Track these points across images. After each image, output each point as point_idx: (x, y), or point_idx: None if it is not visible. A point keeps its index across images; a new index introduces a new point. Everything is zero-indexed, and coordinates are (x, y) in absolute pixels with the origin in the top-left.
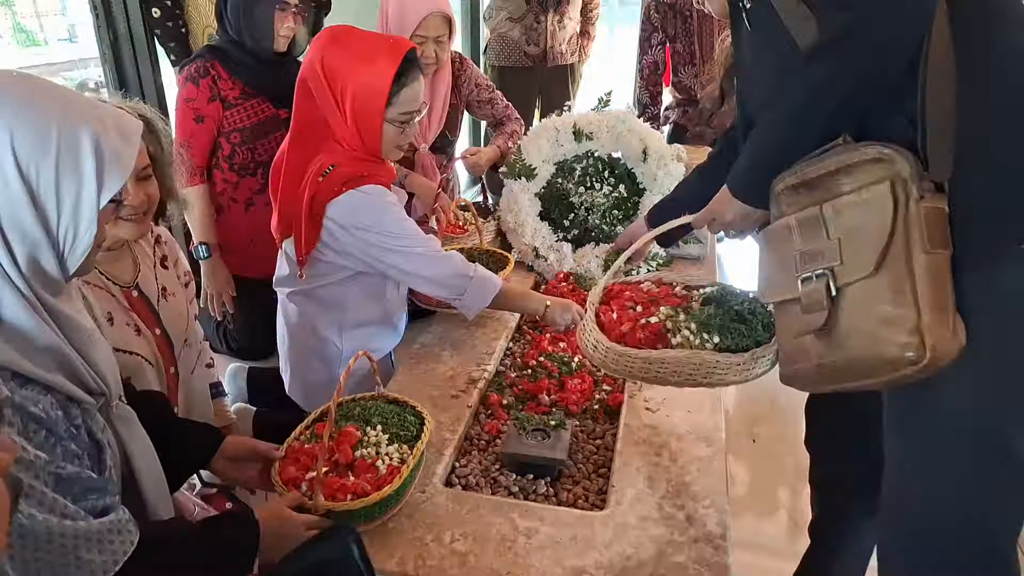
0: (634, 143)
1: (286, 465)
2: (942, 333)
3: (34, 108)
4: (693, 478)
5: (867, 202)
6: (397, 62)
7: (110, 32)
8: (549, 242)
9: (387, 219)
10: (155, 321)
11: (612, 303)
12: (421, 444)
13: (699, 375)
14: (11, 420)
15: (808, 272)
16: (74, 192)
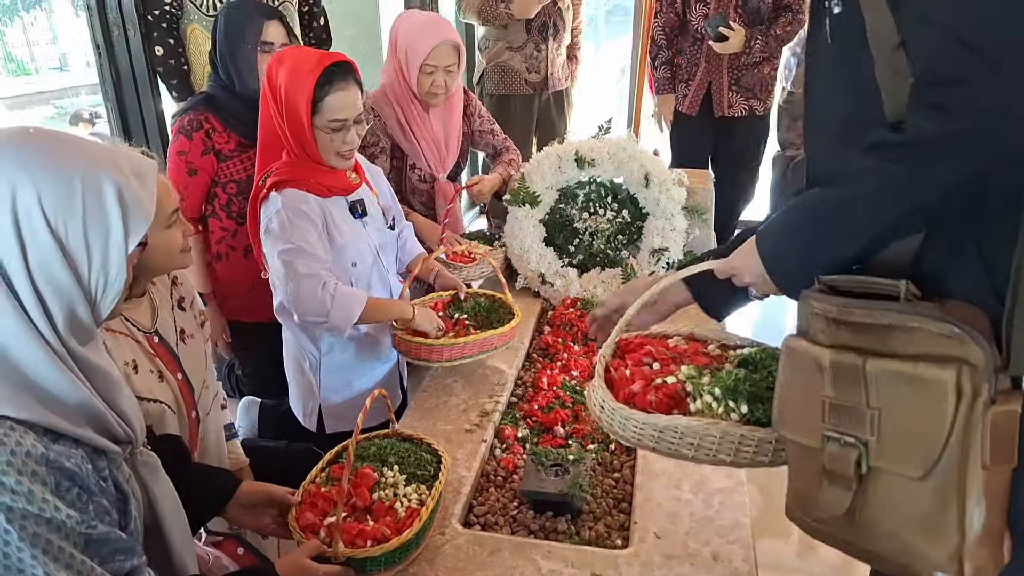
0: (636, 169)
1: (303, 511)
2: (986, 559)
3: (57, 164)
4: (716, 511)
5: (922, 384)
6: (318, 71)
7: (112, 70)
8: (555, 268)
9: (285, 226)
10: (176, 365)
11: (628, 357)
12: (439, 484)
13: (721, 450)
14: (44, 478)
15: (836, 432)
16: (102, 242)
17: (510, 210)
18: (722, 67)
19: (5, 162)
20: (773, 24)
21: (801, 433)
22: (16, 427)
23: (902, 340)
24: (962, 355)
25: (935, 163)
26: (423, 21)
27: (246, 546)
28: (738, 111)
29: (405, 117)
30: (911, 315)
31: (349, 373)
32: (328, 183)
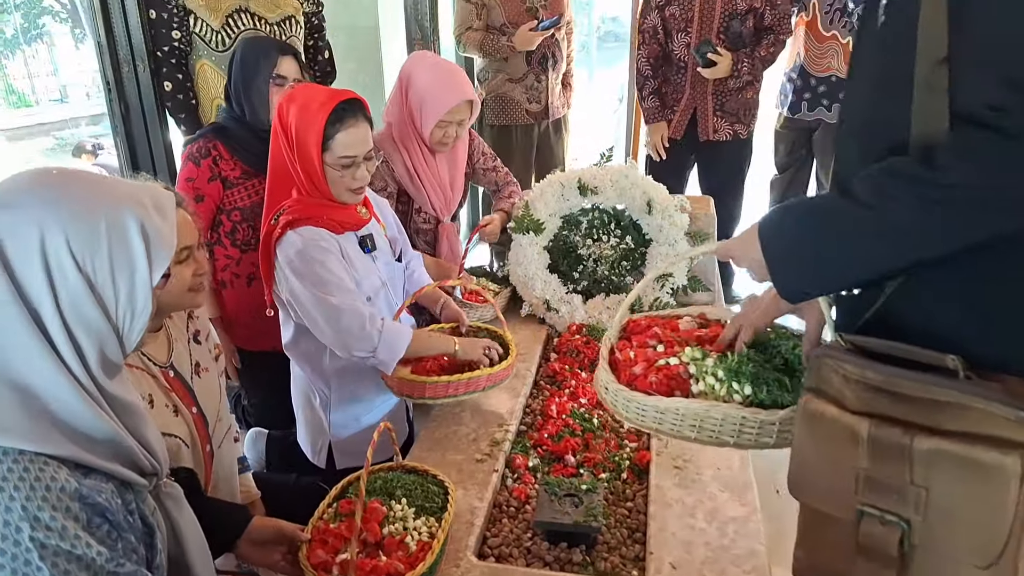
0: (638, 196)
1: (314, 548)
2: None
3: (81, 204)
4: (731, 540)
5: (980, 467)
6: (328, 109)
7: (122, 105)
8: (560, 294)
9: (311, 264)
10: (191, 399)
11: (634, 339)
12: (448, 516)
13: (724, 432)
14: (77, 515)
15: (874, 509)
16: (128, 276)
17: (514, 237)
18: (707, 93)
19: (31, 205)
20: (757, 47)
21: (825, 503)
22: (50, 462)
23: (954, 417)
24: (1017, 439)
25: (974, 211)
26: (441, 75)
27: None
28: (723, 135)
29: (412, 162)
30: (973, 395)
31: (358, 408)
32: (340, 219)
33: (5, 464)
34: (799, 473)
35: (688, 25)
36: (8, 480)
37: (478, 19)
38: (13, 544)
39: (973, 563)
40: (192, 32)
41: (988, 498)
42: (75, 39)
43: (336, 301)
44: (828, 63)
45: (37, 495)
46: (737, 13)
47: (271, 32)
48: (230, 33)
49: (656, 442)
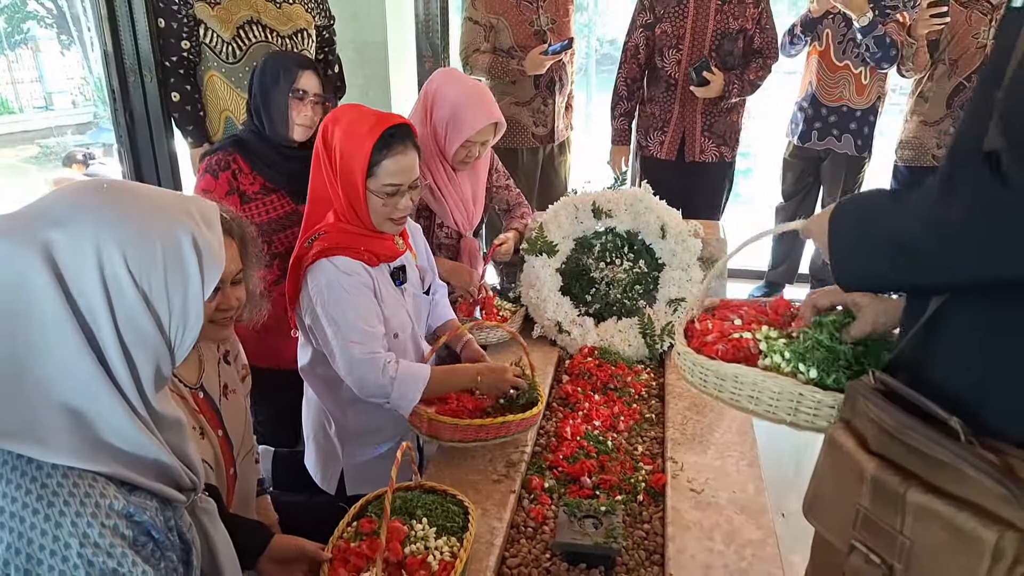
0: (652, 220)
1: (335, 567)
2: None
3: (135, 219)
4: (749, 564)
5: (960, 534)
6: (376, 134)
7: (127, 115)
8: (572, 317)
9: (339, 298)
10: (218, 421)
11: (717, 313)
12: (470, 536)
13: (780, 408)
14: (124, 533)
15: (863, 546)
16: (182, 290)
17: (527, 259)
18: (696, 113)
19: (85, 221)
20: (746, 69)
21: (829, 530)
22: (98, 479)
23: (953, 479)
24: (1010, 518)
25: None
26: (470, 96)
27: None
28: (709, 156)
29: (434, 179)
30: (966, 463)
31: (373, 437)
32: (377, 250)
33: (55, 479)
34: (814, 497)
35: (680, 43)
36: (58, 495)
37: (485, 41)
38: (61, 560)
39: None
40: (202, 43)
41: (962, 563)
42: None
43: (356, 350)
44: (840, 92)
45: (87, 511)
46: (729, 32)
47: (283, 45)
48: (241, 45)
49: (671, 465)
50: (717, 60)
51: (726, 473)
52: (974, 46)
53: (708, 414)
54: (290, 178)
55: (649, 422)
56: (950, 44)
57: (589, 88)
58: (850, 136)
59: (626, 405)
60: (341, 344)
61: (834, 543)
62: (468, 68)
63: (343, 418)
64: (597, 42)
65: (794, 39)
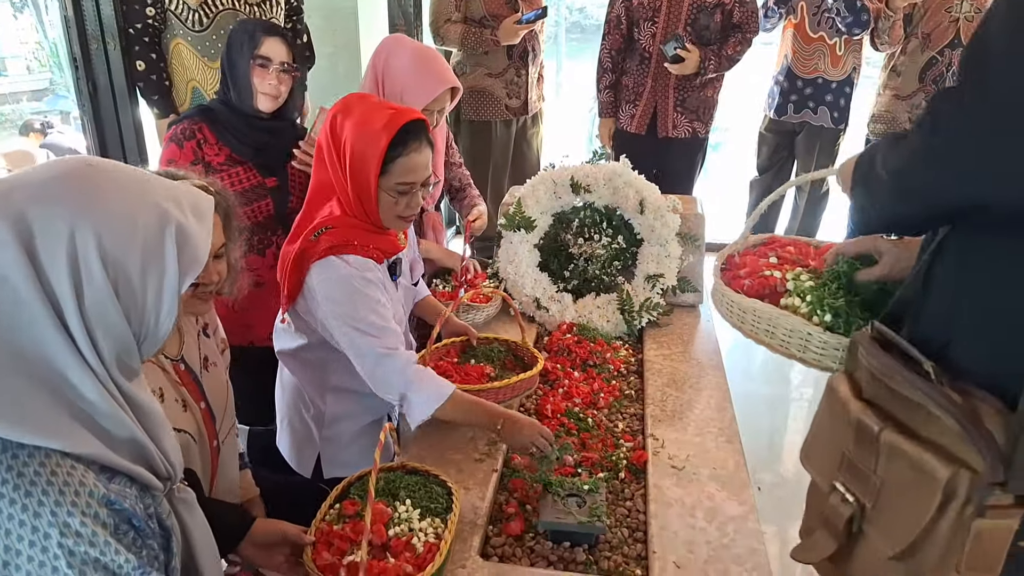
0: (631, 196)
1: (319, 550)
2: None
3: (118, 203)
4: (731, 539)
5: (921, 473)
6: (392, 132)
7: (89, 83)
8: (550, 293)
9: (354, 296)
10: (200, 394)
11: (758, 251)
12: (454, 517)
13: (792, 344)
14: (105, 521)
15: (842, 486)
16: (157, 283)
17: (505, 235)
18: (668, 88)
19: (64, 199)
20: (724, 44)
21: (818, 473)
22: (77, 465)
23: (924, 420)
24: (966, 458)
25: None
26: (423, 62)
27: None
28: (682, 132)
29: None
30: (932, 402)
31: (351, 420)
32: (383, 247)
33: (31, 468)
34: (810, 442)
35: (655, 15)
36: (36, 485)
37: (456, 11)
38: (41, 551)
39: (888, 550)
40: (167, 10)
41: (918, 499)
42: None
43: (377, 345)
44: (815, 64)
45: (67, 500)
46: (705, 6)
47: (250, 13)
48: (208, 12)
49: (652, 442)
50: (693, 35)
51: (706, 449)
52: (947, 20)
53: (687, 390)
54: (257, 150)
55: (629, 398)
56: (923, 18)
57: (559, 57)
58: (826, 108)
59: (605, 382)
60: (359, 341)
61: (820, 484)
62: (439, 39)
63: (322, 402)
64: (567, 10)
65: (768, 12)
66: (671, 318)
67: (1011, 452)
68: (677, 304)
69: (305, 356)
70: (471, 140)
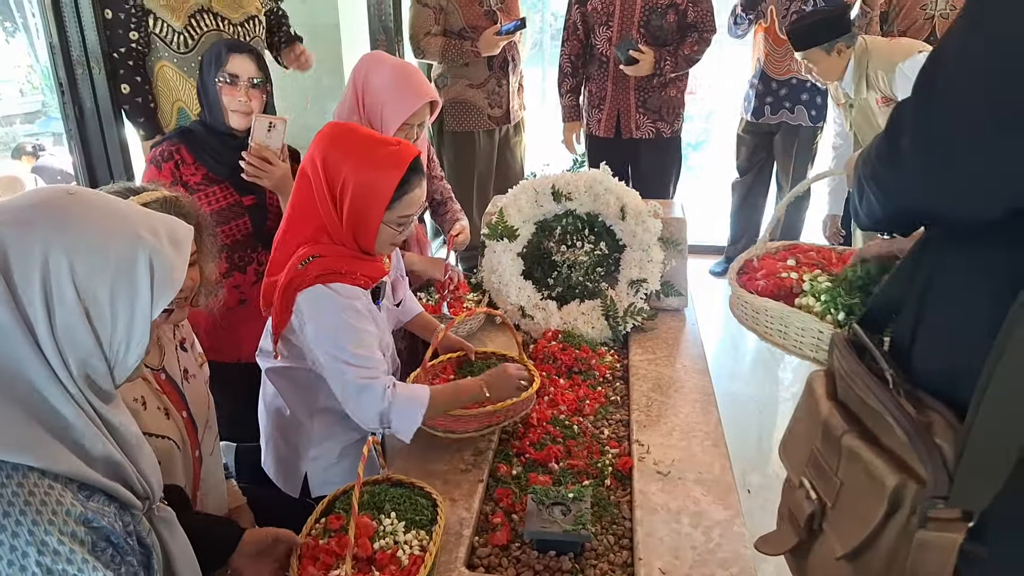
0: (612, 202)
1: (305, 566)
2: None
3: (93, 229)
4: (717, 544)
5: (873, 479)
6: (403, 170)
7: (76, 108)
8: (534, 301)
9: (340, 327)
10: (182, 404)
11: (781, 254)
12: (439, 529)
13: (806, 344)
14: (83, 539)
15: (808, 482)
16: (128, 308)
17: (488, 244)
18: (628, 89)
19: (40, 225)
20: (681, 44)
21: (792, 467)
22: (54, 485)
23: (885, 428)
24: (916, 468)
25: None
26: (401, 78)
27: None
28: (645, 133)
29: None
30: (887, 411)
31: (336, 440)
32: (370, 273)
33: (9, 488)
34: (788, 436)
35: (609, 19)
36: (14, 504)
37: (436, 23)
38: (20, 569)
39: (840, 549)
40: (152, 33)
41: (868, 505)
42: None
43: (354, 375)
44: (788, 65)
45: (44, 519)
46: (658, 7)
47: (235, 33)
48: (193, 34)
49: (637, 447)
50: (647, 36)
51: (692, 454)
52: (922, 17)
53: (672, 395)
54: (233, 169)
55: (614, 404)
56: (899, 15)
57: (544, 64)
58: (803, 107)
59: (591, 388)
60: (342, 371)
61: (792, 479)
62: (420, 52)
63: (309, 423)
64: (552, 16)
65: (737, 19)
66: (656, 322)
67: (956, 466)
68: (661, 308)
69: (294, 375)
70: (455, 151)
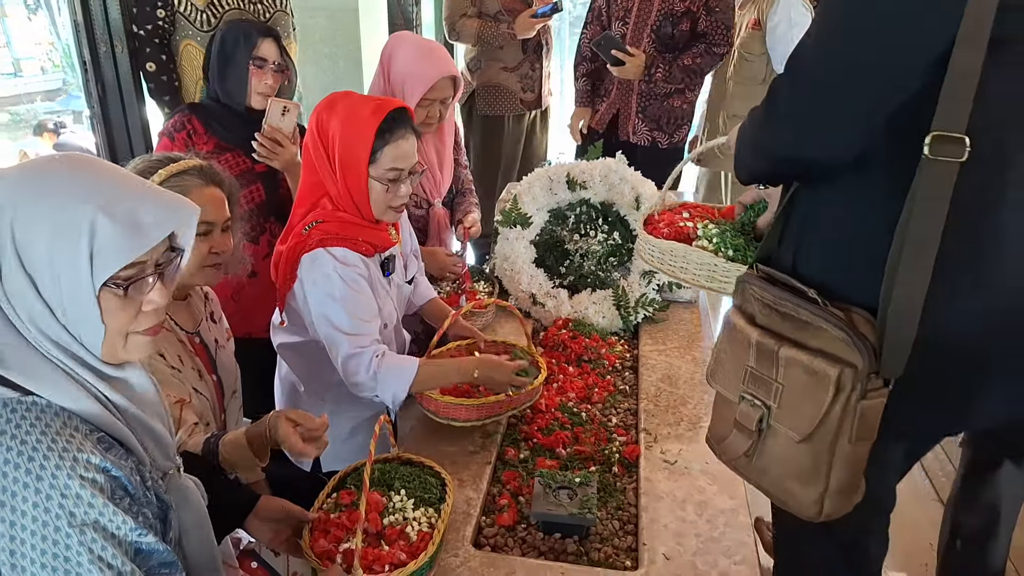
0: (627, 191)
1: (316, 538)
2: (842, 504)
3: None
4: (721, 532)
5: (814, 375)
6: (379, 119)
7: (98, 85)
8: (546, 288)
9: (334, 293)
10: (212, 368)
11: (677, 210)
12: (447, 507)
13: (702, 276)
14: (103, 486)
15: (749, 394)
16: (70, 280)
17: (501, 231)
18: (631, 91)
19: (6, 186)
20: (683, 54)
21: (725, 388)
22: (75, 435)
23: (811, 335)
24: (849, 359)
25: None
26: (421, 52)
27: (259, 561)
28: (642, 139)
29: None
30: (822, 319)
31: (350, 420)
32: (373, 240)
33: (33, 436)
34: (715, 365)
35: (627, 15)
36: (38, 451)
37: (472, 5)
38: (44, 512)
39: (795, 437)
40: (176, 11)
41: (815, 395)
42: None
43: (346, 344)
44: None
45: (66, 465)
46: (673, 14)
47: (255, 12)
48: (215, 12)
49: (645, 436)
50: (656, 43)
51: (699, 444)
52: None
53: (681, 385)
54: (244, 138)
55: (623, 393)
56: None
57: (563, 52)
58: None
59: (600, 377)
60: (333, 336)
61: (729, 398)
62: (455, 34)
63: (321, 398)
64: (571, 3)
65: None
66: (667, 314)
67: (880, 348)
68: (673, 300)
69: (305, 351)
70: (482, 135)
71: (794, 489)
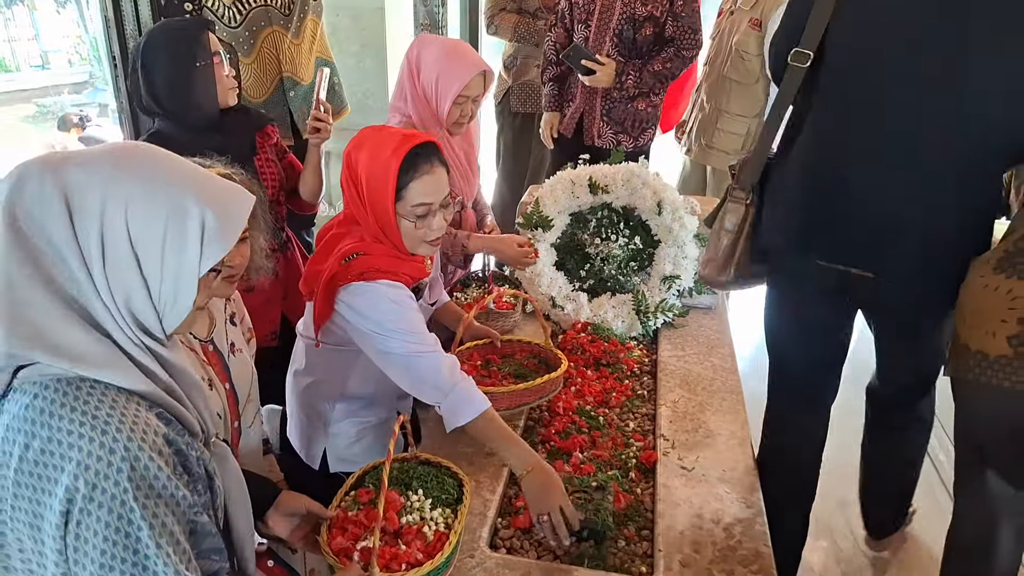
0: (649, 196)
1: (334, 535)
2: (711, 275)
3: (148, 181)
4: (738, 541)
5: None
6: (400, 156)
7: (127, 81)
8: (565, 292)
9: (387, 313)
10: (226, 376)
11: None
12: (464, 508)
13: None
14: (168, 458)
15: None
16: (176, 260)
17: (522, 233)
18: (596, 95)
19: (102, 170)
20: (652, 59)
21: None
22: (141, 404)
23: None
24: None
25: None
26: (450, 50)
27: (276, 560)
28: (607, 143)
29: None
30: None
31: (356, 421)
32: (411, 272)
33: (103, 410)
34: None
35: (588, 18)
36: (110, 423)
37: (511, 1)
38: (114, 484)
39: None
40: (204, 6)
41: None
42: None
43: (416, 350)
44: None
45: (137, 436)
46: (635, 18)
47: (280, 6)
48: (241, 9)
49: (662, 442)
50: (620, 48)
51: (717, 451)
52: None
53: (700, 392)
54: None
55: (641, 398)
56: None
57: None
58: None
59: (618, 381)
60: (392, 344)
61: None
62: (492, 28)
63: (331, 404)
64: None
65: None
66: (687, 320)
67: None
68: (693, 306)
69: (330, 355)
70: (514, 133)
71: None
